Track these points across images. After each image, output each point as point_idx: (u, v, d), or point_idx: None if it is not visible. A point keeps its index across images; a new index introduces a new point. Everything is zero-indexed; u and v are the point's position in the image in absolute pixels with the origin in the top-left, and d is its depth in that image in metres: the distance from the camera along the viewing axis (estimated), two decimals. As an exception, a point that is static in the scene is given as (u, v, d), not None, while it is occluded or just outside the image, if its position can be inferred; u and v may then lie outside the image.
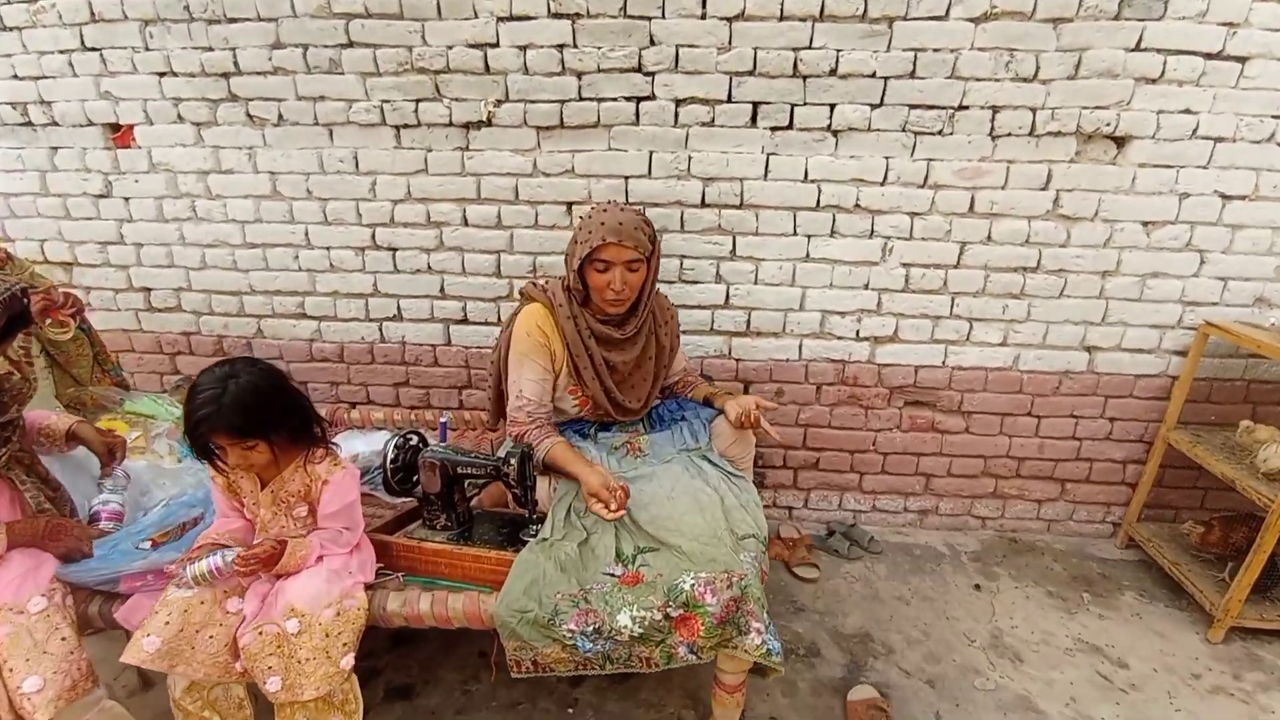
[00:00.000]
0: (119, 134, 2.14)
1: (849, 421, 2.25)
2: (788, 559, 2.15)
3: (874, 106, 1.91)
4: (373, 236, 2.19)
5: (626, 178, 2.04)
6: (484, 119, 2.00)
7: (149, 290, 2.33)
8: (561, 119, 1.99)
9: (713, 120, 1.95)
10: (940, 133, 1.92)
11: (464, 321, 2.27)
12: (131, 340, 2.40)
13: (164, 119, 2.10)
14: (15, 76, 2.08)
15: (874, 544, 2.26)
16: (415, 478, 1.52)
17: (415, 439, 1.57)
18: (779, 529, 2.30)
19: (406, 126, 2.05)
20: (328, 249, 2.22)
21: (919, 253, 2.04)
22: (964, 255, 2.03)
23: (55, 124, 2.14)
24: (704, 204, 2.04)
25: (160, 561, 1.23)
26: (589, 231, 1.50)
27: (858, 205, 2.00)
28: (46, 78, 2.09)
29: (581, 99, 1.96)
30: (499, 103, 1.99)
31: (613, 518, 1.40)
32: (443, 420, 1.45)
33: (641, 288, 1.58)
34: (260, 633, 1.15)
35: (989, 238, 2.01)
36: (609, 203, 1.61)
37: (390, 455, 1.49)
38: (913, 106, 1.90)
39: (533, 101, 1.98)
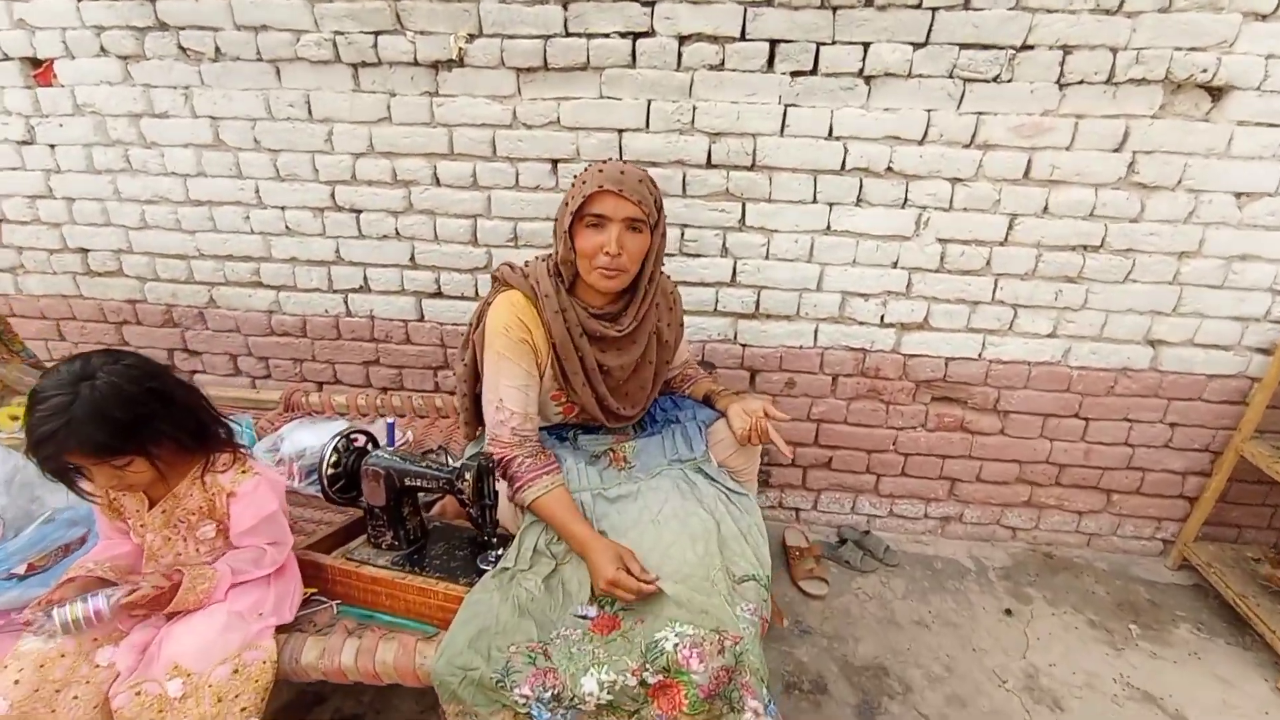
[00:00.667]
0: (39, 70, 1.86)
1: (867, 418, 1.98)
2: (793, 571, 1.92)
3: (917, 46, 1.58)
4: (332, 196, 1.92)
5: (620, 131, 1.74)
6: (454, 57, 1.70)
7: (85, 251, 2.08)
8: (545, 59, 1.68)
9: (722, 63, 1.64)
10: (996, 79, 1.59)
11: (438, 295, 2.01)
12: (72, 307, 2.17)
13: (86, 51, 1.82)
14: (-86, 1, 1.80)
15: (890, 554, 2.02)
16: (359, 486, 1.28)
17: (362, 439, 1.33)
18: (784, 534, 2.06)
19: (365, 65, 1.76)
20: (282, 209, 1.95)
21: (959, 226, 1.73)
22: (1014, 230, 1.73)
23: (-34, 58, 1.86)
24: (710, 164, 1.74)
25: (31, 596, 1.01)
26: (583, 182, 1.21)
27: (890, 168, 1.69)
28: (-49, 3, 1.80)
29: (568, 34, 1.65)
30: (471, 37, 1.69)
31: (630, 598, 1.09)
32: (389, 421, 1.21)
33: (643, 262, 1.27)
34: (138, 692, 0.93)
35: (1045, 210, 1.70)
36: (607, 158, 1.33)
37: (329, 459, 1.25)
38: (964, 46, 1.57)
39: (511, 36, 1.67)
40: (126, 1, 1.74)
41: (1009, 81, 1.59)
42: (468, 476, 1.16)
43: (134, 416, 0.97)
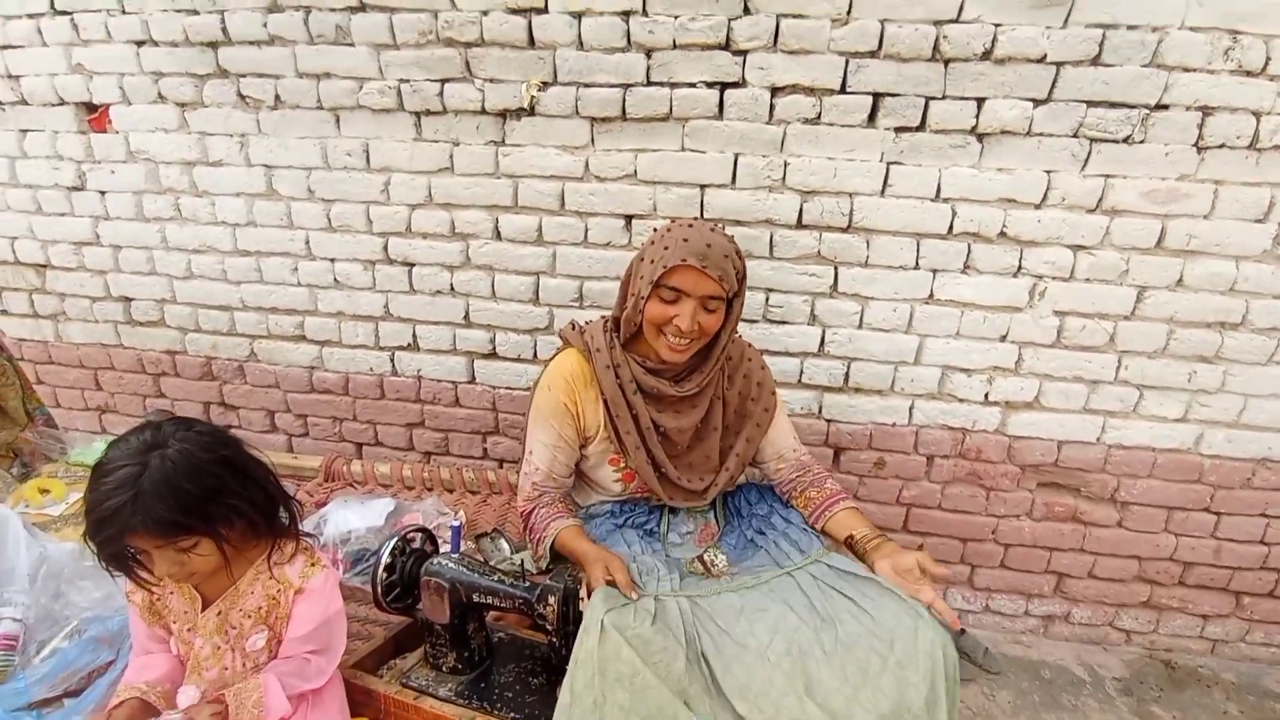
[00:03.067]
0: (94, 115, 1.79)
1: (965, 504, 1.77)
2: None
3: (1038, 103, 1.43)
4: (385, 248, 1.80)
5: (703, 187, 1.60)
6: (525, 106, 1.59)
7: (129, 300, 1.98)
8: (623, 109, 1.56)
9: (819, 116, 1.50)
10: (1127, 140, 1.43)
11: (492, 355, 1.86)
12: (111, 357, 2.06)
13: (143, 98, 1.75)
14: (-23, 46, 1.75)
15: (990, 659, 1.78)
16: (415, 594, 1.11)
17: (419, 539, 1.16)
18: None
19: (429, 113, 1.65)
20: (332, 261, 1.84)
21: (1080, 298, 1.55)
22: (1142, 304, 1.54)
23: (24, 102, 1.80)
24: (800, 224, 1.59)
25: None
26: (664, 248, 1.10)
27: (1003, 233, 1.53)
28: (12, 46, 1.75)
29: (650, 83, 1.53)
30: (545, 85, 1.58)
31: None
32: (454, 524, 1.05)
33: (715, 337, 1.18)
34: None
35: (1179, 282, 1.52)
36: (694, 219, 1.18)
37: (384, 561, 1.09)
38: (1091, 104, 1.42)
39: (587, 85, 1.56)
40: (188, 49, 1.67)
41: (1141, 143, 1.43)
42: (552, 601, 0.98)
43: (206, 490, 0.86)
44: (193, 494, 0.84)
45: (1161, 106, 1.41)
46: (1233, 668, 1.82)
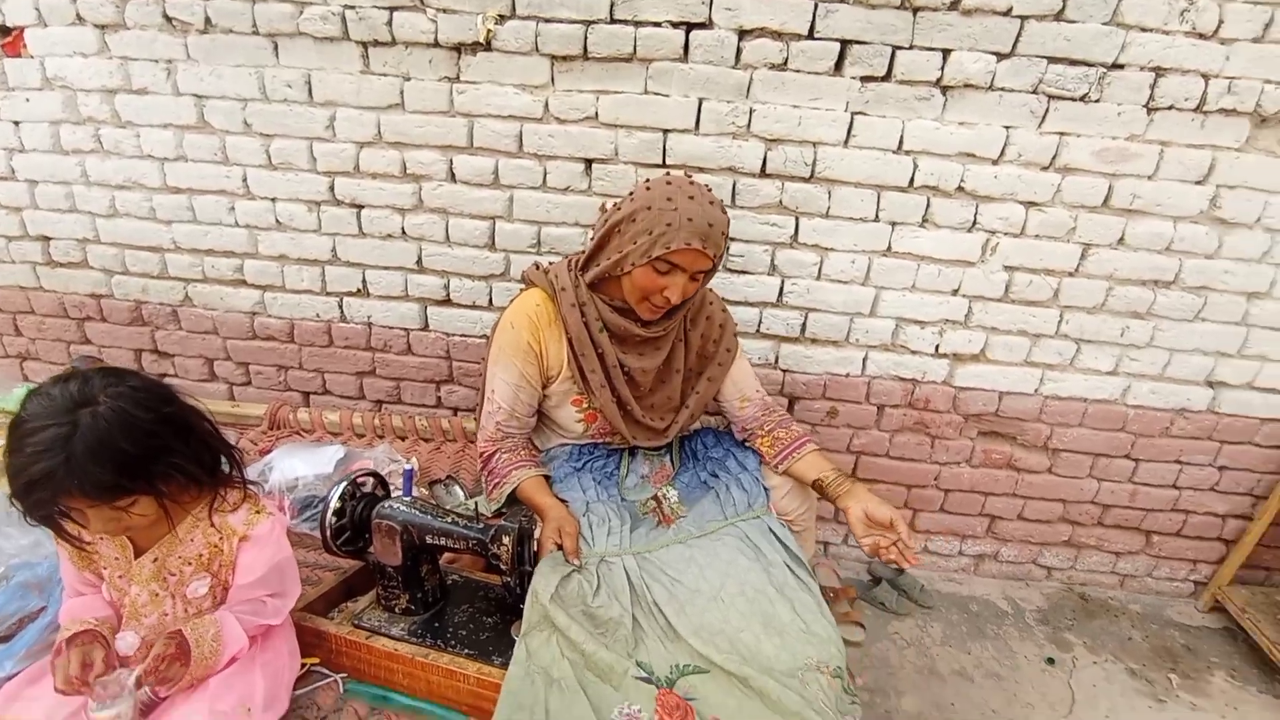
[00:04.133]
0: (8, 40, 1.61)
1: (911, 451, 1.85)
2: (827, 614, 1.79)
3: (1001, 56, 1.44)
4: (331, 188, 1.70)
5: (666, 131, 1.56)
6: (481, 40, 1.50)
7: (47, 239, 1.83)
8: (585, 47, 1.49)
9: (785, 62, 1.47)
10: (1084, 98, 1.46)
11: (446, 302, 1.81)
12: (30, 300, 1.92)
13: (60, 19, 1.57)
14: None
15: (925, 595, 1.90)
16: (366, 537, 1.10)
17: (370, 483, 1.14)
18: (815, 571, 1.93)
19: (377, 44, 1.55)
20: (273, 201, 1.73)
21: (1029, 254, 1.60)
22: (1086, 260, 1.60)
23: (-86, 16, 1.60)
24: (764, 173, 1.57)
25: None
26: (666, 223, 1.07)
27: (961, 188, 1.55)
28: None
29: (613, 20, 1.47)
30: (502, 18, 1.49)
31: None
32: (406, 468, 1.03)
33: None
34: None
35: (1121, 241, 1.58)
36: (687, 180, 1.13)
37: (333, 506, 1.07)
38: (1053, 60, 1.43)
39: (548, 20, 1.48)
40: (101, -44, 1.50)
41: (1096, 102, 1.46)
42: (506, 541, 0.98)
43: (146, 450, 0.81)
44: (132, 455, 0.79)
45: (1118, 66, 1.43)
46: (1138, 599, 2.00)
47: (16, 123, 1.69)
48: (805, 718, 0.87)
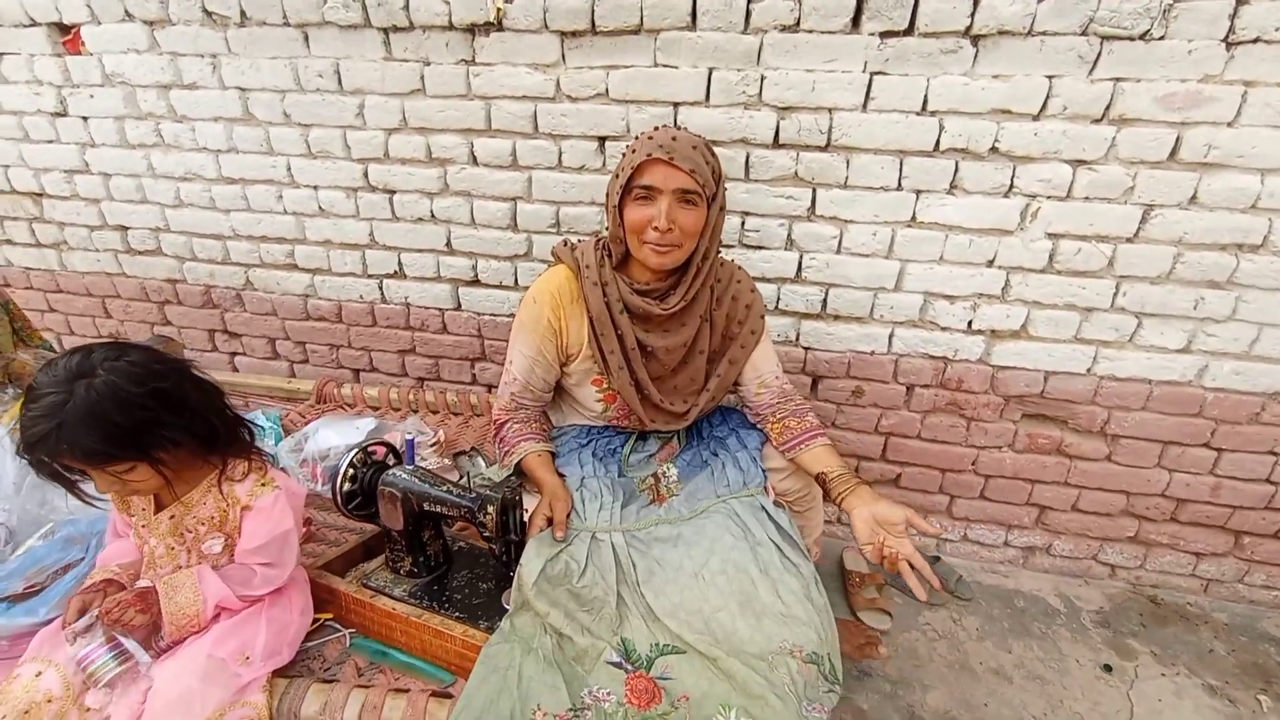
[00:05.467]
0: (68, 37, 1.79)
1: (944, 433, 1.74)
2: (852, 599, 1.73)
3: (1042, -1, 1.29)
4: (365, 175, 1.79)
5: (676, 105, 1.52)
6: (492, 19, 1.52)
7: (125, 229, 2.04)
8: (593, 21, 1.48)
9: (798, 23, 1.39)
10: (1144, 36, 1.29)
11: (475, 283, 1.87)
12: (115, 285, 2.15)
13: (111, 16, 1.73)
14: (-58, -35, 1.74)
15: (963, 586, 1.80)
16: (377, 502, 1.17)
17: (382, 452, 1.21)
18: (842, 555, 1.87)
19: (396, 29, 1.60)
20: (315, 188, 1.84)
21: (1077, 218, 1.45)
22: (1148, 224, 1.43)
23: (-4, 25, 1.81)
24: (777, 143, 1.51)
25: (16, 625, 0.94)
26: (632, 151, 1.11)
27: (995, 149, 1.42)
28: (-22, -34, 1.74)
29: (619, -10, 1.44)
30: (510, -3, 1.50)
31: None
32: (408, 437, 1.08)
33: (698, 238, 1.15)
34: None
35: (1193, 199, 1.40)
36: (662, 125, 1.17)
37: (344, 472, 1.14)
38: (1104, -3, 1.27)
39: (554, -5, 1.47)
40: (148, -39, 1.63)
41: (1160, 39, 1.29)
42: (490, 510, 1.02)
43: (133, 421, 0.88)
44: (121, 425, 0.85)
45: (1186, -3, 1.26)
46: (1226, 608, 1.79)
47: (85, 118, 1.87)
48: (766, 701, 0.85)
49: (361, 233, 1.88)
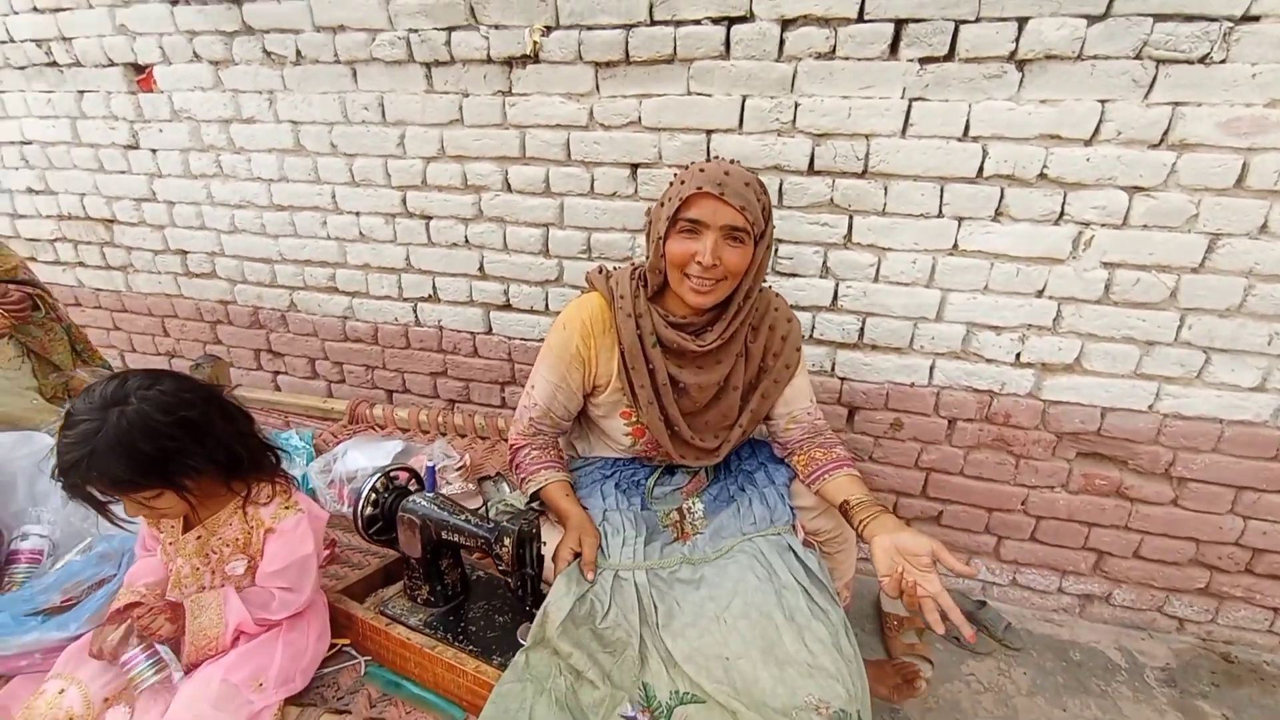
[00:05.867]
0: (142, 76, 1.91)
1: (991, 471, 1.65)
2: (890, 644, 1.64)
3: (1093, 20, 1.24)
4: (403, 201, 1.84)
5: (709, 132, 1.52)
6: (529, 52, 1.55)
7: (185, 253, 2.15)
8: (627, 52, 1.49)
9: (833, 50, 1.38)
10: (1204, 60, 1.22)
11: (507, 307, 1.89)
12: (174, 306, 2.26)
13: (181, 57, 1.84)
14: (35, 9, 1.88)
15: (1011, 634, 1.68)
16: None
17: (404, 477, 1.22)
18: (879, 596, 1.78)
19: (438, 64, 1.65)
20: (356, 215, 1.91)
21: (1135, 247, 1.37)
22: (1214, 254, 1.34)
23: (79, 64, 1.95)
24: (812, 170, 1.48)
25: (49, 639, 0.97)
26: (681, 183, 1.08)
27: (1044, 175, 1.36)
28: (63, 9, 1.88)
29: (653, 22, 1.45)
30: (548, 30, 1.53)
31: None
32: (429, 464, 1.08)
33: (741, 277, 1.11)
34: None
35: (1263, 228, 1.30)
36: (714, 157, 1.13)
37: (366, 496, 1.15)
38: (1160, 18, 1.21)
39: (589, 27, 1.49)
40: (216, 5, 1.73)
41: (1221, 63, 1.22)
42: (507, 543, 1.00)
43: (159, 450, 0.90)
44: (148, 454, 0.87)
45: (1250, 18, 1.19)
46: (1307, 667, 1.63)
47: (154, 150, 2.00)
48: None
49: (399, 257, 1.92)
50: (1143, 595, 1.69)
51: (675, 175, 1.13)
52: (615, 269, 1.27)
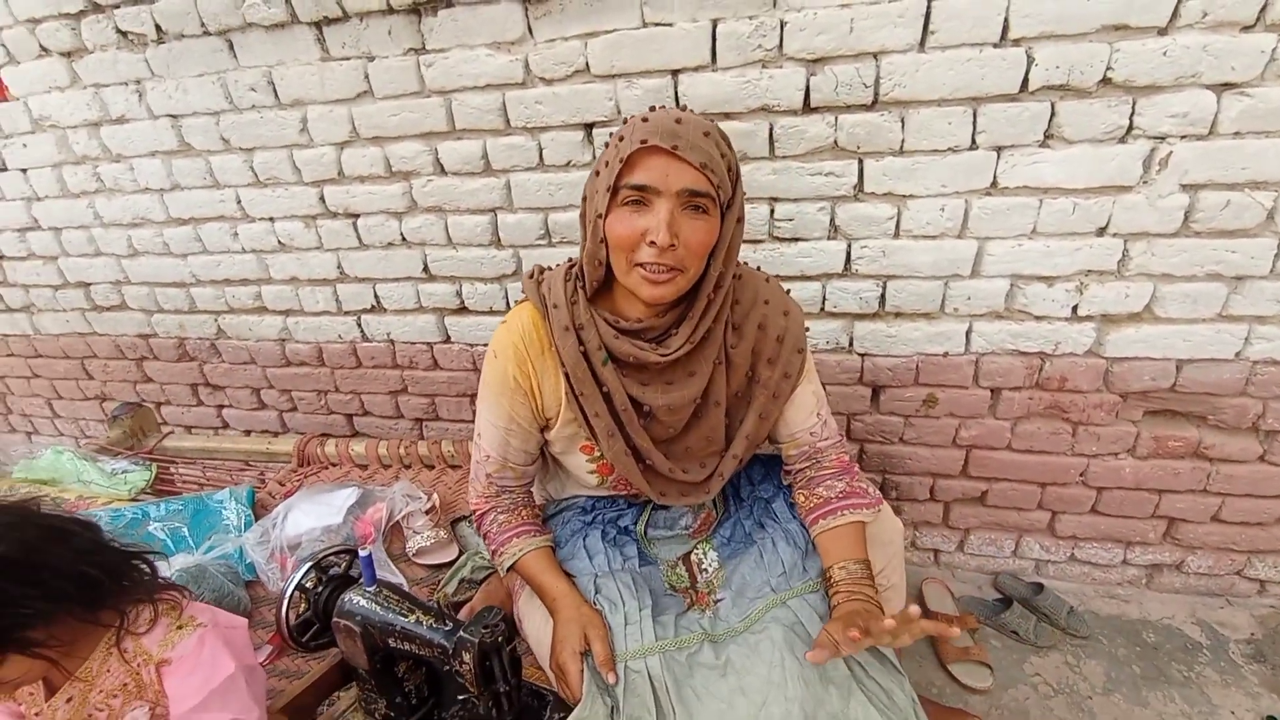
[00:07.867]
0: (-9, 84, 1.58)
1: (1042, 442, 1.41)
2: (940, 649, 1.44)
3: None
4: (321, 199, 1.54)
5: (675, 73, 1.21)
6: (437, -6, 1.23)
7: (87, 285, 1.86)
8: (559, -22, 1.17)
9: (823, -57, 1.06)
10: (1320, -99, 0.91)
11: (462, 310, 1.62)
12: (90, 345, 1.98)
13: (27, 53, 1.51)
14: None
15: (1076, 619, 1.48)
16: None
17: (344, 563, 0.97)
18: (921, 587, 1.58)
19: (329, 21, 1.33)
20: (270, 220, 1.61)
21: (1224, 162, 1.09)
22: (1323, 160, 1.06)
23: (-87, 76, 1.61)
24: (808, 107, 1.18)
25: None
26: (619, 139, 0.81)
27: (1107, 79, 1.06)
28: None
29: (586, -66, 1.13)
30: (455, -38, 1.20)
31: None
32: (362, 553, 0.83)
33: (708, 259, 0.84)
34: None
35: (1390, 122, 1.02)
36: (660, 106, 0.84)
37: (290, 597, 0.91)
38: None
39: (507, -49, 1.17)
40: (45, -20, 1.39)
41: (1344, -101, 0.91)
42: (467, 658, 0.77)
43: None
44: None
45: None
46: None
47: (24, 170, 1.68)
48: None
49: (329, 265, 1.64)
50: (1220, 560, 1.48)
51: (611, 134, 0.85)
52: (551, 269, 0.99)
